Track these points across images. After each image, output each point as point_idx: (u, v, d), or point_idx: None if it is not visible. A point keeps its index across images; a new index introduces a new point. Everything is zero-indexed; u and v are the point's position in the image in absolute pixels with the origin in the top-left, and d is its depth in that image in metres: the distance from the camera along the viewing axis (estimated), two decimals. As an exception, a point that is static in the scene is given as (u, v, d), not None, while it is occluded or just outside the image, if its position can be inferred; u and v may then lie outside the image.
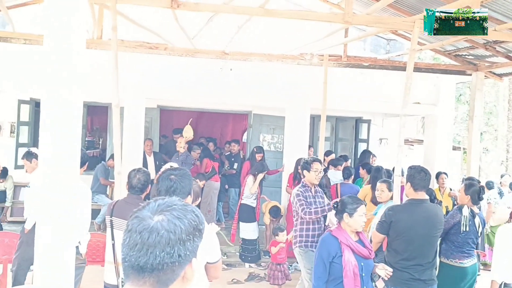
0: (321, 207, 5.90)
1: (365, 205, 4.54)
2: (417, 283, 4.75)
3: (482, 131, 18.55)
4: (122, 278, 4.34)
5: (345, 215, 4.32)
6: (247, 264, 8.92)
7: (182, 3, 6.02)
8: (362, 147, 12.72)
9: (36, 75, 8.78)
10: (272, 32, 9.57)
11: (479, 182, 6.09)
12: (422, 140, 13.78)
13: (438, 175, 9.30)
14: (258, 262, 8.99)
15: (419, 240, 4.77)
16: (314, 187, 6.14)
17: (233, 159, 11.96)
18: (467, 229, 5.43)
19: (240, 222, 9.03)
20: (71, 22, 2.38)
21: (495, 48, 8.44)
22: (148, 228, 1.47)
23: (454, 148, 15.23)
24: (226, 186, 11.49)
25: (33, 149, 6.41)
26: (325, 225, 6.11)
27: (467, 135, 11.16)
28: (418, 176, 4.85)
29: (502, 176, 11.87)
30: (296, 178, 8.78)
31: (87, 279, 6.08)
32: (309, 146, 11.14)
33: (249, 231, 8.92)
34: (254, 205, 9.03)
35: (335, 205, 4.53)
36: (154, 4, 6.36)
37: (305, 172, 6.09)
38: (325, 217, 6.15)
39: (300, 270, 6.42)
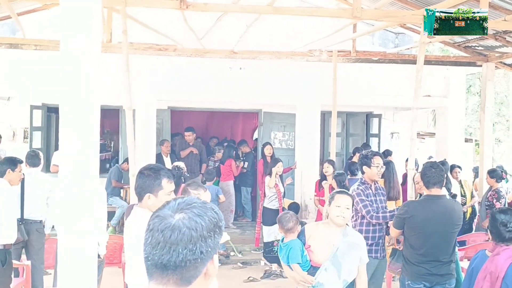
0: (390, 212, 5.32)
1: None
2: (434, 278, 4.72)
3: (494, 122, 18.43)
4: None
5: None
6: (262, 262, 8.88)
7: (190, 4, 6.05)
8: (373, 142, 12.68)
9: (48, 80, 8.86)
10: (281, 29, 9.58)
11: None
12: (434, 133, 13.73)
13: (452, 168, 9.25)
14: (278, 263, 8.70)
15: (436, 237, 4.71)
16: (374, 184, 5.54)
17: (244, 158, 11.99)
18: None
19: (263, 226, 8.76)
20: (87, 26, 2.41)
21: (505, 38, 8.39)
22: (170, 227, 1.50)
23: (466, 140, 15.15)
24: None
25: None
26: (387, 226, 5.47)
27: (478, 127, 11.10)
28: (428, 173, 4.76)
29: None
30: (322, 181, 8.53)
31: (105, 281, 6.14)
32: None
33: (266, 234, 8.62)
34: (275, 207, 8.58)
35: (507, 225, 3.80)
36: (163, 6, 6.40)
37: (365, 168, 5.44)
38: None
39: None
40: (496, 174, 8.07)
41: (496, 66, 9.67)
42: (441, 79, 10.93)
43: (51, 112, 10.75)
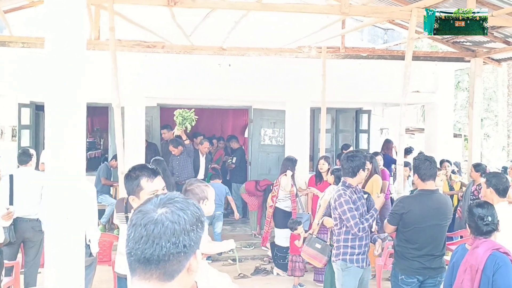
0: (371, 218, 5.08)
1: None
2: (427, 271, 4.79)
3: (483, 117, 18.56)
4: None
5: (500, 226, 3.85)
6: (275, 272, 8.37)
7: (179, 0, 6.03)
8: (363, 138, 12.73)
9: (36, 78, 8.81)
10: (269, 26, 9.57)
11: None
12: (423, 129, 13.79)
13: (441, 163, 9.30)
14: (287, 272, 8.03)
15: (430, 230, 4.79)
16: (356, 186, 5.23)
17: (233, 154, 12.00)
18: None
19: (275, 228, 8.42)
20: (71, 24, 2.39)
21: (493, 33, 8.44)
22: (152, 220, 1.51)
23: (455, 135, 15.23)
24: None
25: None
26: (372, 231, 5.27)
27: (467, 122, 11.16)
28: (423, 166, 4.84)
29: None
30: (318, 177, 8.34)
31: (96, 279, 6.13)
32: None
33: (281, 237, 8.23)
34: (289, 209, 8.34)
35: (488, 222, 3.80)
36: (151, 3, 6.38)
37: (361, 171, 5.09)
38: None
39: None
40: (480, 168, 8.12)
41: (484, 62, 9.72)
42: (430, 75, 10.96)
43: (40, 110, 10.68)
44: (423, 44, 17.53)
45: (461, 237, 7.82)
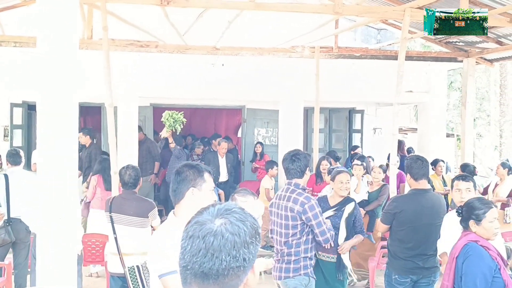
0: (329, 232, 4.59)
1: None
2: (421, 271, 4.79)
3: (475, 117, 18.63)
4: (128, 267, 4.48)
5: (471, 222, 3.70)
6: None
7: None
8: (356, 137, 12.75)
9: (28, 77, 8.76)
10: (263, 26, 9.57)
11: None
12: (416, 129, 13.83)
13: (436, 162, 9.31)
14: None
15: (424, 230, 4.78)
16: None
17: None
18: None
19: None
20: (64, 24, 2.37)
21: (486, 33, 8.46)
22: (212, 232, 1.42)
23: (448, 135, 15.27)
24: None
25: None
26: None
27: (460, 122, 11.20)
28: (415, 165, 4.84)
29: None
30: (318, 177, 8.09)
31: (89, 279, 6.12)
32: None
33: None
34: None
35: (459, 211, 3.83)
36: (144, 2, 6.37)
37: (307, 171, 4.68)
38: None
39: None
40: (468, 169, 8.12)
41: (476, 62, 9.76)
42: (423, 75, 10.98)
43: (32, 109, 10.63)
44: (416, 44, 17.58)
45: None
